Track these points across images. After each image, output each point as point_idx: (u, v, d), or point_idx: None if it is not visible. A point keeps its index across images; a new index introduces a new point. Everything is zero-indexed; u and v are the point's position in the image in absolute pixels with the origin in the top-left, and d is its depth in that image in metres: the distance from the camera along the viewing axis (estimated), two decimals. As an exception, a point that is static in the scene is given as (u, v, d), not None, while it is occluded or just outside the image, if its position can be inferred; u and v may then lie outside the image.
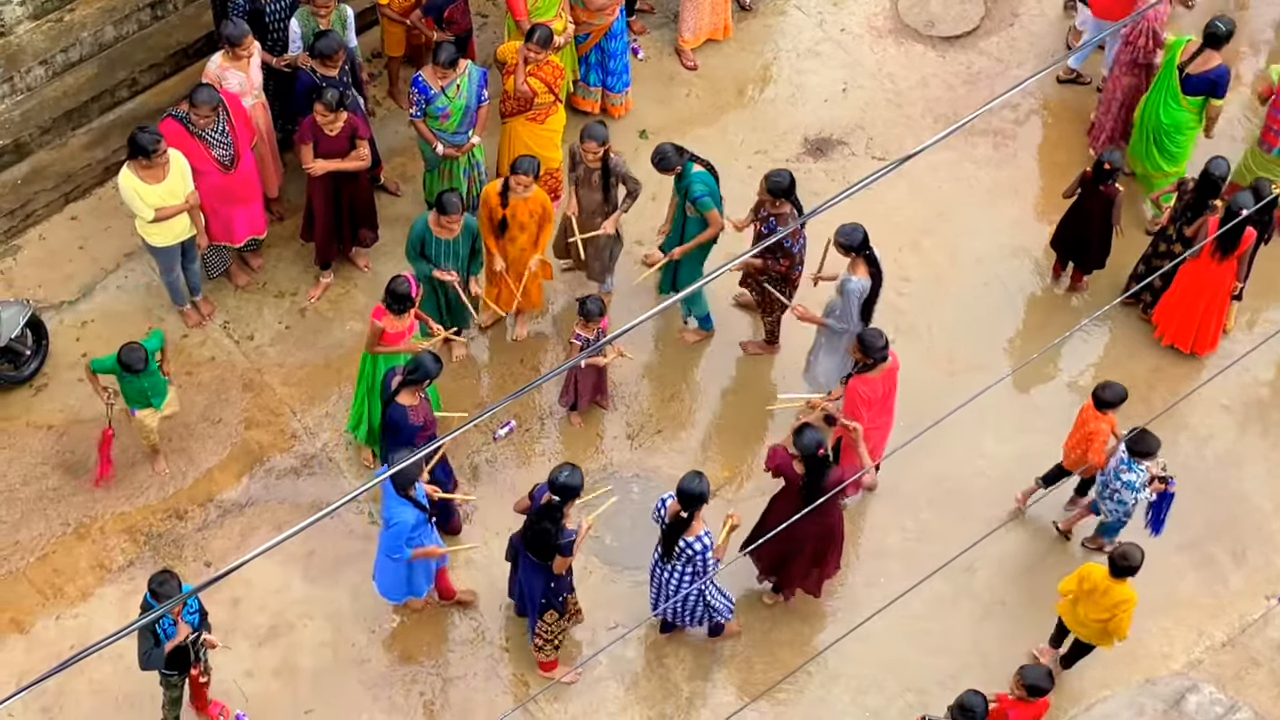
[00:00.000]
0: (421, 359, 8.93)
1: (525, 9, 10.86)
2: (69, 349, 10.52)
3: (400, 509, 8.66)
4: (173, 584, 8.13)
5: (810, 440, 8.67)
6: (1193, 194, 10.32)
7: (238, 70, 10.20)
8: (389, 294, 9.29)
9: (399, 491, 8.61)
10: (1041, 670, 8.42)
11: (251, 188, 10.35)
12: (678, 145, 9.96)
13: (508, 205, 9.87)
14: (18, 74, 10.81)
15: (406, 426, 8.97)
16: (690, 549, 8.62)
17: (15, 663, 9.31)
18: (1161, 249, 10.61)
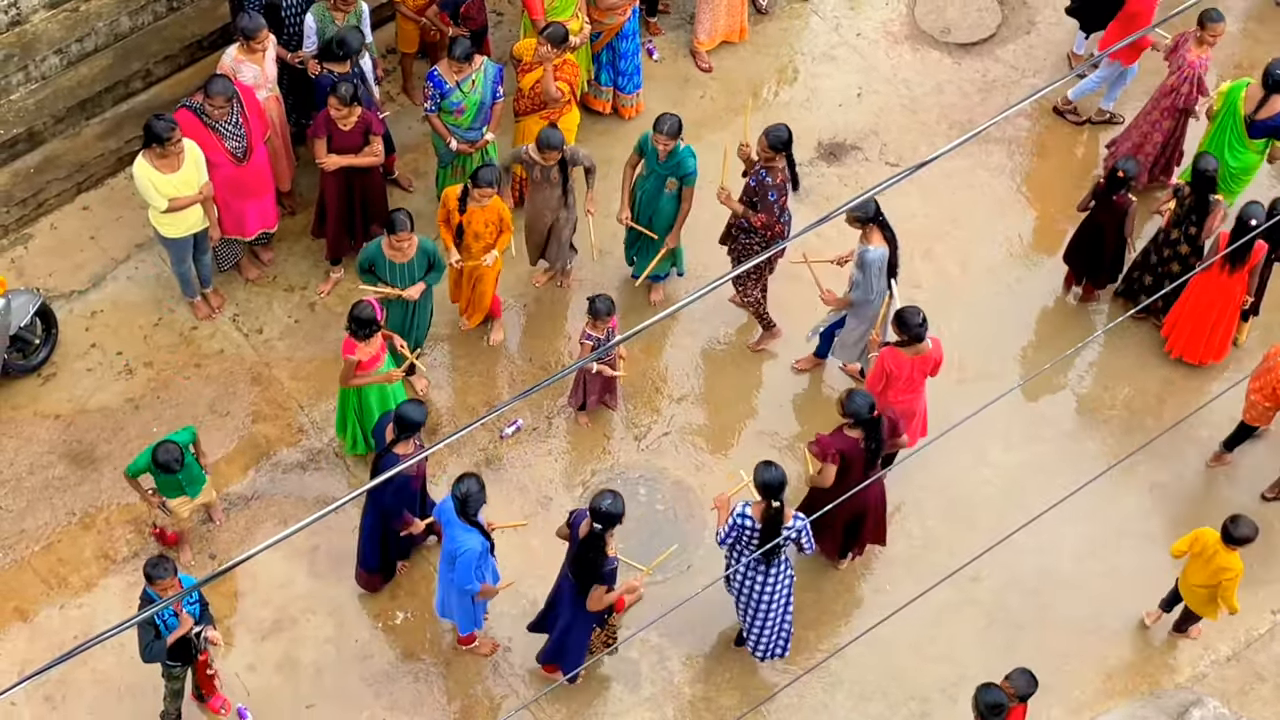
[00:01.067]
0: (405, 411, 8.70)
1: (542, 7, 10.85)
2: (78, 339, 10.53)
3: (467, 536, 8.47)
4: (167, 568, 8.12)
5: (862, 402, 8.82)
6: (1191, 195, 10.31)
7: (252, 63, 10.21)
8: (352, 320, 9.13)
9: (466, 518, 8.45)
10: (1025, 674, 8.40)
11: (264, 181, 10.36)
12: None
13: (465, 212, 9.81)
14: (32, 63, 10.82)
15: (400, 476, 8.81)
16: (792, 530, 8.59)
17: (18, 652, 9.32)
18: (1166, 254, 10.58)
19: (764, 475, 8.50)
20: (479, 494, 8.41)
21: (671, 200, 10.17)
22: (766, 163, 9.79)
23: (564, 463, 10.27)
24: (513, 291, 10.92)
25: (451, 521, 8.54)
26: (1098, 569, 10.02)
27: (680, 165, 10.00)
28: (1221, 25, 10.66)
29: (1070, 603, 9.87)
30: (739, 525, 8.63)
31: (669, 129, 9.85)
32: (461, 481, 8.43)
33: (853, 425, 8.90)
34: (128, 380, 10.40)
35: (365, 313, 9.16)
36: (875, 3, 12.75)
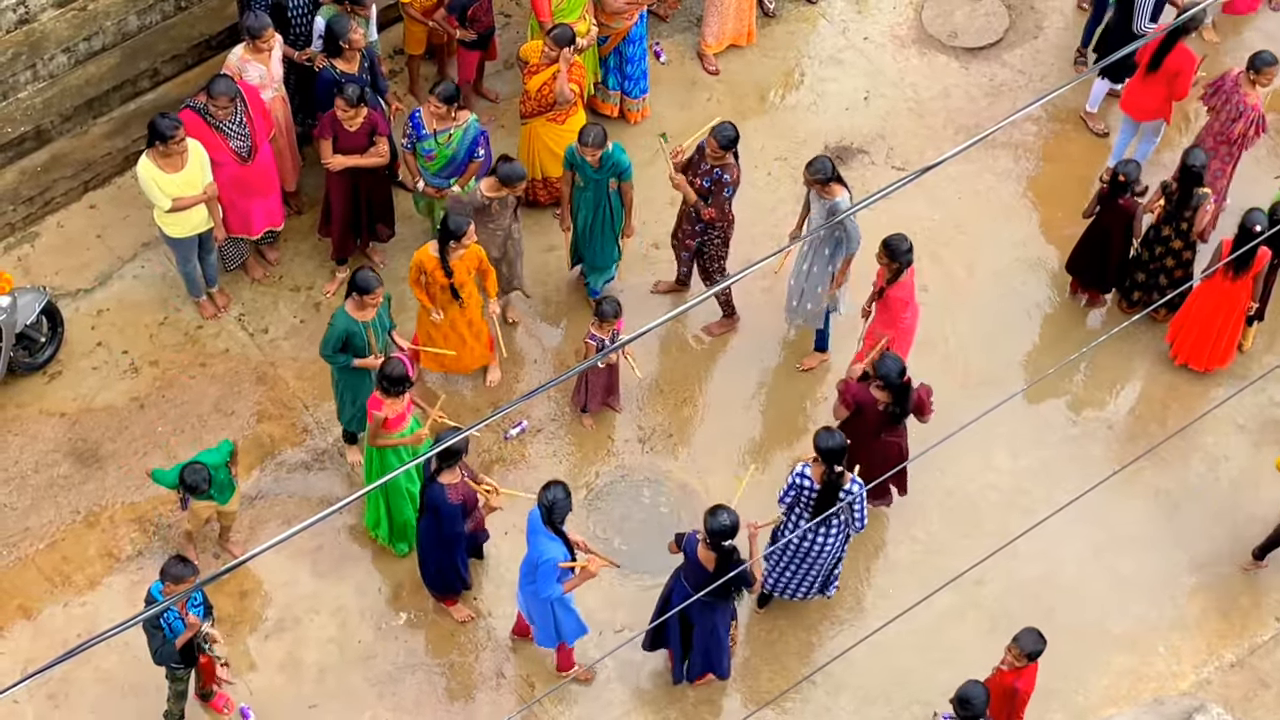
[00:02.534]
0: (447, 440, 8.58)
1: (549, 10, 10.86)
2: (84, 337, 10.55)
3: (550, 545, 8.42)
4: (187, 570, 8.11)
5: (895, 365, 9.02)
6: (1177, 189, 10.30)
7: (258, 63, 10.23)
8: (384, 378, 8.92)
9: (552, 527, 8.40)
10: (1032, 633, 8.45)
11: (269, 180, 10.37)
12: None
13: (451, 275, 9.60)
14: (40, 61, 10.85)
15: (446, 506, 8.77)
16: (849, 495, 8.80)
17: (22, 650, 9.33)
18: (1159, 251, 10.57)
19: (825, 442, 8.66)
20: (565, 501, 8.39)
21: (615, 197, 10.28)
22: (719, 162, 9.89)
23: (568, 464, 10.28)
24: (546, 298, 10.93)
25: (536, 529, 8.49)
26: (1101, 574, 10.01)
27: (616, 165, 10.10)
28: (1275, 68, 10.50)
29: (1073, 608, 9.86)
30: (798, 485, 8.81)
31: (594, 139, 9.89)
32: (548, 489, 8.40)
33: (881, 387, 9.09)
34: (133, 379, 10.42)
35: (397, 370, 8.91)
36: (882, 6, 12.75)
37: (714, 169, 9.97)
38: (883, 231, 10.98)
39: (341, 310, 9.32)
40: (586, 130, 9.99)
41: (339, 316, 9.32)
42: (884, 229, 10.99)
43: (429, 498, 8.78)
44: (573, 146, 10.12)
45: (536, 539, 8.51)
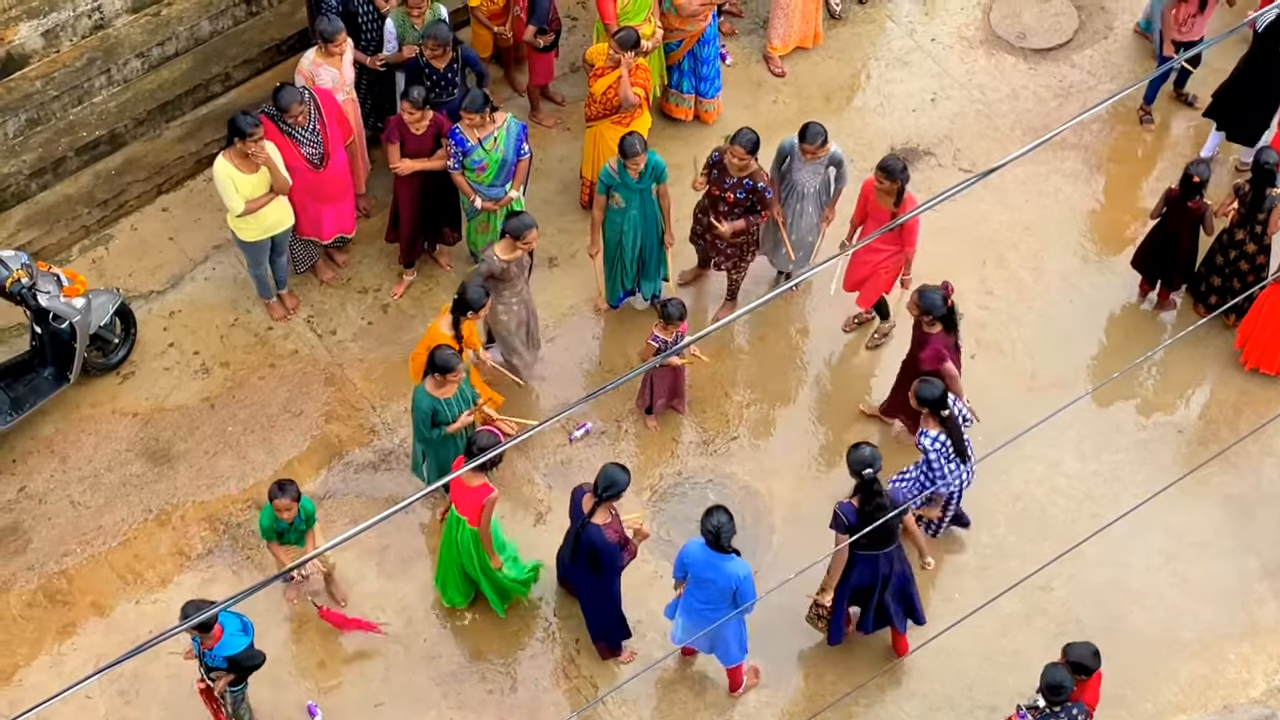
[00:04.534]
0: (611, 474, 8.50)
1: (615, 12, 10.90)
2: (156, 338, 10.70)
3: (735, 564, 8.40)
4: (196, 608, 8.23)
5: (934, 296, 9.32)
6: (1249, 190, 10.17)
7: (330, 66, 10.33)
8: (478, 451, 8.62)
9: (720, 549, 8.35)
10: (1088, 648, 8.37)
11: (343, 186, 10.46)
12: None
13: (462, 340, 9.44)
14: (115, 66, 11.01)
15: (606, 545, 8.64)
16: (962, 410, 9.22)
17: (94, 645, 9.47)
18: (1233, 255, 10.43)
19: (929, 392, 8.95)
20: (730, 524, 8.37)
21: (655, 203, 10.24)
22: (748, 171, 9.92)
23: (632, 466, 10.22)
24: (582, 295, 10.96)
25: (709, 562, 8.45)
26: (1170, 581, 9.89)
27: (655, 167, 10.05)
28: None
29: (1141, 614, 9.75)
30: (935, 448, 9.09)
31: (639, 146, 9.83)
32: (711, 516, 8.36)
33: (931, 322, 9.34)
34: (204, 379, 10.55)
35: (489, 443, 8.66)
36: (950, 7, 12.68)
37: (744, 180, 9.96)
38: (949, 235, 10.95)
39: (421, 389, 9.12)
40: (628, 140, 9.86)
41: (421, 396, 9.10)
42: (950, 231, 10.97)
43: (587, 540, 8.64)
44: (606, 169, 10.00)
45: (716, 565, 8.39)
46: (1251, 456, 10.26)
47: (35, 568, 9.74)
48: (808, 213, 10.39)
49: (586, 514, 8.64)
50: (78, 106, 11.05)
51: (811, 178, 10.23)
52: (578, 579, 9.09)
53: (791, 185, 10.31)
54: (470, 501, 8.90)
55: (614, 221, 10.25)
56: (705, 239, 10.50)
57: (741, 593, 8.51)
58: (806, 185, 10.26)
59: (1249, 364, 10.61)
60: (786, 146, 10.23)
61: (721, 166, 10.02)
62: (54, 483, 10.08)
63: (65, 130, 11.04)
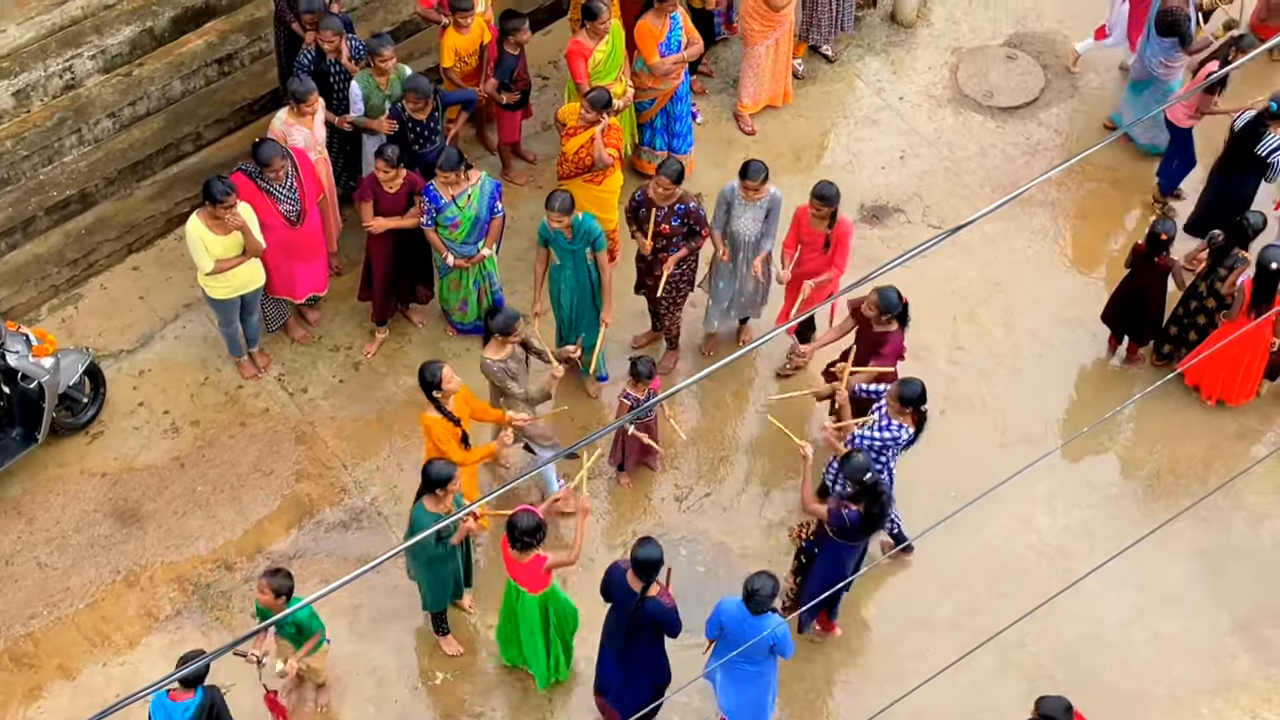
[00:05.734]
0: (645, 554, 8.37)
1: (585, 72, 10.97)
2: (126, 398, 10.65)
3: (770, 618, 8.38)
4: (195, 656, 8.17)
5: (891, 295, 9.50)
6: (1221, 243, 10.28)
7: (302, 126, 10.37)
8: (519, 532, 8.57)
9: (757, 610, 8.30)
10: (1061, 702, 8.33)
11: (316, 245, 10.48)
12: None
13: (460, 421, 9.23)
14: (86, 125, 11.05)
15: (667, 613, 8.51)
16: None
17: (61, 710, 9.36)
18: (1193, 306, 10.53)
19: (911, 390, 9.08)
20: (770, 587, 8.32)
21: (594, 269, 10.13)
22: (674, 198, 10.00)
23: (605, 522, 10.27)
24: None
25: (744, 619, 8.39)
26: (1142, 635, 9.90)
27: (589, 233, 9.95)
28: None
29: (1114, 669, 9.75)
30: (892, 438, 9.13)
31: (560, 205, 9.75)
32: (757, 578, 8.32)
33: (889, 320, 9.51)
34: (174, 439, 10.51)
35: (528, 523, 8.58)
36: (918, 66, 12.82)
37: (675, 206, 10.03)
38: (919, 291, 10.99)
39: (419, 507, 8.79)
40: (554, 196, 9.79)
41: (420, 515, 8.75)
42: (920, 287, 11.01)
43: (649, 614, 8.48)
44: (543, 223, 9.96)
45: (751, 624, 8.35)
46: (1221, 510, 10.30)
47: (1, 631, 9.64)
48: (746, 261, 10.42)
49: (640, 591, 8.42)
50: (48, 166, 11.07)
51: (752, 224, 10.23)
52: (636, 653, 8.79)
53: (733, 235, 10.32)
54: (530, 574, 8.77)
55: (553, 280, 10.23)
56: (646, 284, 10.50)
57: (780, 644, 8.52)
58: (748, 233, 10.26)
59: (1210, 397, 10.69)
60: (727, 192, 10.26)
61: (648, 202, 10.05)
62: (20, 544, 10.00)
63: (35, 190, 11.06)
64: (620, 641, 8.74)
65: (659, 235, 10.13)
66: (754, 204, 10.18)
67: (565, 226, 9.82)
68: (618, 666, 8.90)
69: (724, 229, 10.33)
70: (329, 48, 10.61)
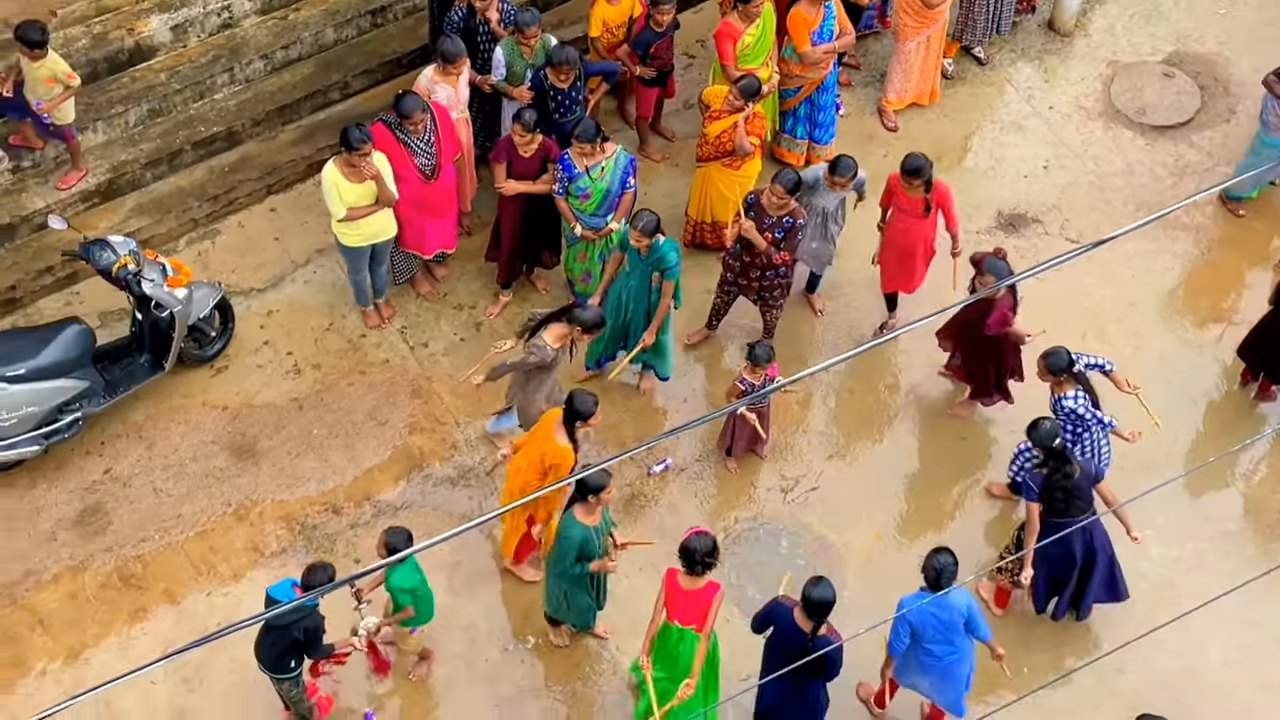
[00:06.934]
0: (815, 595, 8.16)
1: (733, 55, 10.91)
2: (252, 335, 10.82)
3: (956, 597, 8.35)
4: (323, 575, 8.25)
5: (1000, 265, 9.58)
6: None
7: (447, 84, 10.43)
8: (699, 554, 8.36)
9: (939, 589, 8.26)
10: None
11: (449, 201, 10.55)
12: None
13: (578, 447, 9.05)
14: (239, 65, 11.22)
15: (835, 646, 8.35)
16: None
17: (163, 633, 9.55)
18: None
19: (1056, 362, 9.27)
20: (953, 565, 8.31)
21: (656, 292, 10.00)
22: (787, 210, 9.98)
23: (709, 506, 10.24)
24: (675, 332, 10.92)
25: (932, 608, 8.36)
26: (1248, 678, 9.64)
27: (662, 260, 9.82)
28: None
29: (1212, 709, 9.49)
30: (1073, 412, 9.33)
31: (644, 226, 9.63)
32: (939, 555, 8.31)
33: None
34: (295, 380, 10.65)
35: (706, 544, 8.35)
36: (1071, 76, 12.56)
37: (784, 218, 9.99)
38: (1050, 304, 10.79)
39: (570, 517, 8.67)
40: (640, 216, 9.69)
41: (572, 527, 8.62)
42: (1052, 301, 10.82)
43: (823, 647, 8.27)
44: (626, 231, 9.92)
45: (941, 606, 8.30)
46: (1345, 558, 9.99)
47: (113, 550, 9.86)
48: (821, 227, 10.61)
49: (811, 631, 8.29)
50: (199, 101, 11.27)
51: (831, 201, 10.50)
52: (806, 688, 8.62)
53: (809, 206, 10.45)
54: (697, 606, 8.45)
55: (617, 282, 10.14)
56: (739, 283, 10.41)
57: (973, 623, 8.46)
58: (826, 206, 10.51)
59: None
60: (810, 177, 10.39)
61: (759, 207, 10.02)
62: (139, 468, 10.22)
63: (184, 124, 11.26)
64: (789, 678, 8.44)
65: (764, 235, 10.05)
66: (832, 192, 10.39)
67: (644, 246, 9.76)
68: (782, 695, 8.75)
69: (804, 202, 10.41)
70: (480, 6, 10.67)
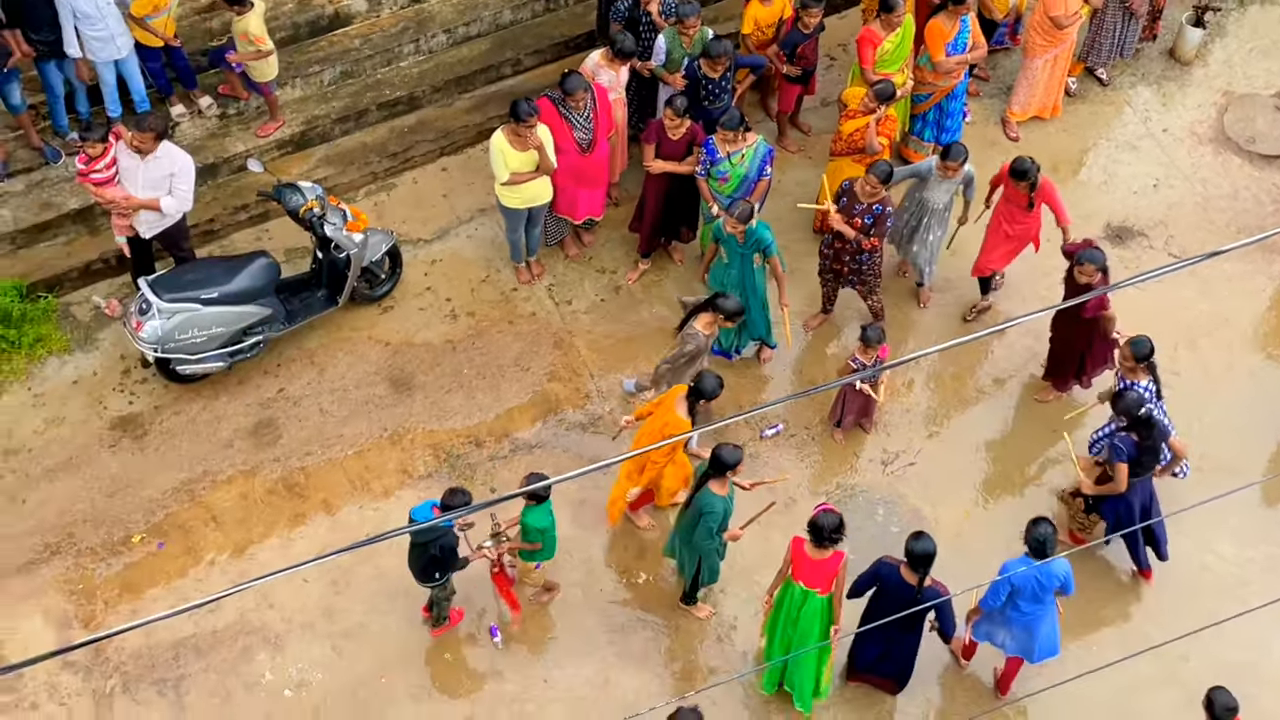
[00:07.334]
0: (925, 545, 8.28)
1: (872, 60, 10.90)
2: (417, 281, 11.09)
3: (1055, 565, 8.44)
4: (460, 499, 8.47)
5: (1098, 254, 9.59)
6: None
7: (611, 70, 10.57)
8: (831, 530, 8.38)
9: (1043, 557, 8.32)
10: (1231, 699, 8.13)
11: (601, 173, 10.70)
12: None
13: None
14: (424, 37, 11.46)
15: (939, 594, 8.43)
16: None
17: (319, 537, 9.86)
18: None
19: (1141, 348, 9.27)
20: (1054, 534, 8.42)
21: (762, 273, 10.07)
22: (877, 198, 9.96)
23: (813, 471, 10.31)
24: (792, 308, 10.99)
25: (1037, 570, 8.42)
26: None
27: (760, 241, 9.86)
28: None
29: (1273, 700, 9.37)
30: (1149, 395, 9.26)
31: (740, 214, 9.67)
32: (1037, 527, 8.40)
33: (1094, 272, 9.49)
34: (451, 324, 10.90)
35: (833, 521, 8.36)
36: (1187, 103, 12.34)
37: (873, 205, 9.97)
38: (1147, 313, 10.65)
39: (708, 492, 8.66)
40: (735, 205, 9.73)
41: (715, 501, 8.62)
42: (1152, 311, 10.69)
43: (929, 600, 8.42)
44: (719, 224, 9.93)
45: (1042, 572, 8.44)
46: None
47: (281, 460, 10.20)
48: (931, 226, 10.54)
49: (918, 584, 8.39)
50: (386, 68, 11.53)
51: (943, 195, 10.38)
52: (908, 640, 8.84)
53: (921, 201, 10.42)
54: (823, 572, 8.52)
55: (716, 274, 10.20)
56: (834, 269, 10.44)
57: (1067, 584, 8.58)
58: (938, 203, 10.42)
59: None
60: (924, 168, 10.37)
61: (852, 194, 10.05)
62: (309, 390, 10.53)
63: (372, 86, 11.53)
64: (895, 632, 8.65)
65: (850, 227, 10.09)
66: (949, 179, 10.26)
67: (740, 233, 9.80)
68: (884, 647, 8.91)
69: (915, 196, 10.44)
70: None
